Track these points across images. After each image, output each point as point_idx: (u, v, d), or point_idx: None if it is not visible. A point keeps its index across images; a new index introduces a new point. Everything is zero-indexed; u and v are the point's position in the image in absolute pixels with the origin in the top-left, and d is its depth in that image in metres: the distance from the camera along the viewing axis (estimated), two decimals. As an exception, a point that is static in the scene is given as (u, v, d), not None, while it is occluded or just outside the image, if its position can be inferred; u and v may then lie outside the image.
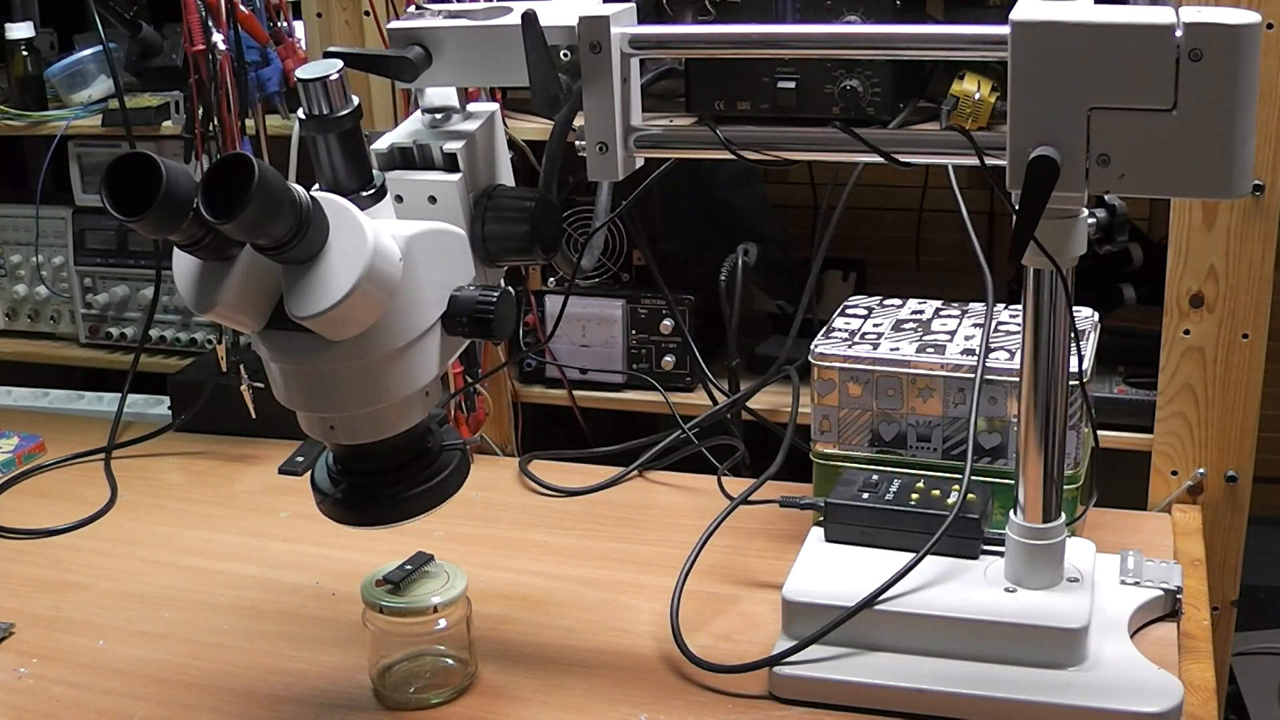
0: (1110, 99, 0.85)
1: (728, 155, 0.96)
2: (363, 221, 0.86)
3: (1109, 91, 0.85)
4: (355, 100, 0.91)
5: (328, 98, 0.89)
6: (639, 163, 1.00)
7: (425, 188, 0.97)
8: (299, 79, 0.89)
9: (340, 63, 0.90)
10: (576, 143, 0.97)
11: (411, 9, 1.02)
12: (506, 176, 1.03)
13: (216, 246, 0.84)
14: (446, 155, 0.97)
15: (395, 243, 0.88)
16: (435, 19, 0.99)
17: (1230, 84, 0.83)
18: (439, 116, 1.01)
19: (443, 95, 1.01)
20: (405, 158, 0.99)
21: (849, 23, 1.36)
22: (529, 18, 0.93)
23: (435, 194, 0.97)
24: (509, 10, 0.98)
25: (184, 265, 0.87)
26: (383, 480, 0.97)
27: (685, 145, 1.01)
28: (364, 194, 0.91)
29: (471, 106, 1.02)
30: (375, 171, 0.94)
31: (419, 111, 1.02)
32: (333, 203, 0.87)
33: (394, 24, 1.00)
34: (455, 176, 0.97)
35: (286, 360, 0.90)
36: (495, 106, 1.03)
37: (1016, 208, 0.87)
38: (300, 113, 0.90)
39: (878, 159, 0.93)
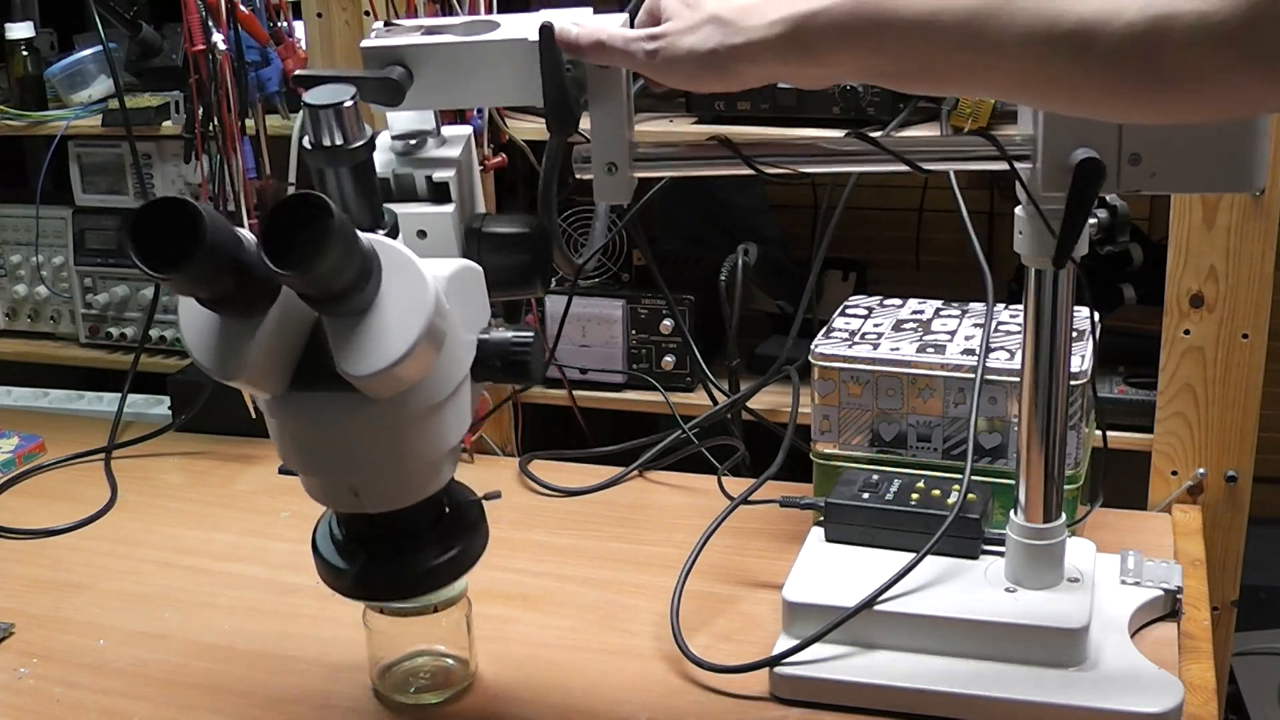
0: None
1: (745, 170, 0.90)
2: (422, 268, 0.77)
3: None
4: (369, 130, 0.83)
5: (341, 127, 0.81)
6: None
7: (414, 221, 0.90)
8: (307, 104, 0.82)
9: (354, 88, 0.83)
10: (576, 144, 0.96)
11: (379, 25, 0.93)
12: (482, 204, 0.97)
13: (247, 302, 0.74)
14: (436, 185, 0.90)
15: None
16: (412, 35, 0.90)
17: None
18: (412, 143, 0.93)
19: (413, 119, 0.93)
20: (383, 191, 0.92)
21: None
22: (546, 29, 0.84)
23: (425, 227, 0.90)
24: (496, 25, 0.90)
25: (200, 324, 0.76)
26: (409, 545, 0.88)
27: (692, 161, 0.95)
28: (377, 233, 0.83)
29: (445, 130, 0.95)
30: (386, 207, 0.86)
31: (384, 137, 0.94)
32: (387, 247, 0.77)
33: (368, 42, 0.90)
34: (449, 208, 0.91)
35: (311, 423, 0.80)
36: (469, 129, 0.97)
37: (1040, 208, 0.86)
38: (306, 142, 0.83)
39: (902, 167, 0.90)
